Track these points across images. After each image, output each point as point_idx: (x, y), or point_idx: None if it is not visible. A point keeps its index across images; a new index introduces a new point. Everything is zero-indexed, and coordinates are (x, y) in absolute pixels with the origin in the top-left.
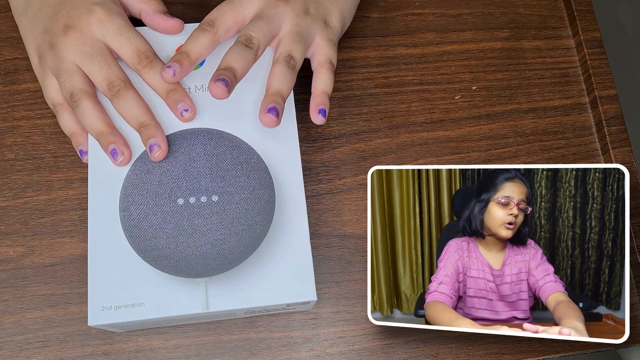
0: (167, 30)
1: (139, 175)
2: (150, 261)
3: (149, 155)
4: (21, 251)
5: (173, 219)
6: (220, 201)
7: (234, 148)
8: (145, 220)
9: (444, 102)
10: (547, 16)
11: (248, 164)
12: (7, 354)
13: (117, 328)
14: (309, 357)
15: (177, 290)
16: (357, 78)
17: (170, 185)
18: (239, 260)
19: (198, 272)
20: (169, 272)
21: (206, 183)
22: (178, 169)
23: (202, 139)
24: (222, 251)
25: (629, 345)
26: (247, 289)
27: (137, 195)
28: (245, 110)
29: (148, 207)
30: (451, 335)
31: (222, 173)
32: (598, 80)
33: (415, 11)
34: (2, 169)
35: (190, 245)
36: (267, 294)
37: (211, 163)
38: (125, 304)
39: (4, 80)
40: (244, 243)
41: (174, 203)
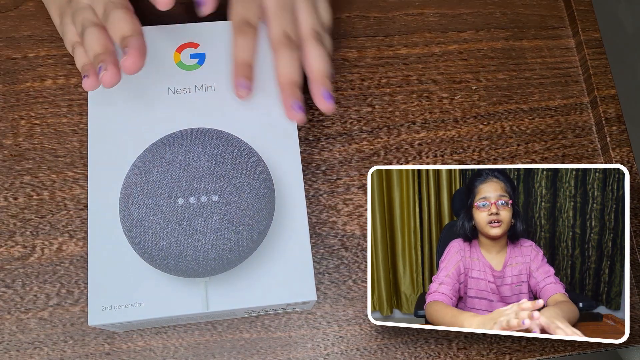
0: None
1: (138, 175)
2: (150, 261)
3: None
4: (21, 251)
5: (173, 219)
6: (220, 201)
7: (233, 148)
8: (145, 220)
9: (444, 102)
10: (547, 16)
11: (248, 164)
12: (7, 354)
13: (118, 328)
14: (309, 357)
15: (177, 290)
16: (357, 78)
17: (170, 185)
18: (238, 260)
19: (198, 272)
20: (169, 272)
21: (206, 183)
22: (178, 168)
23: (202, 139)
24: (222, 251)
25: (629, 345)
26: (247, 289)
27: (137, 195)
28: (246, 111)
29: (148, 207)
30: (451, 335)
31: (222, 173)
32: (598, 80)
33: (415, 11)
34: (2, 169)
35: (190, 245)
36: (267, 294)
37: (211, 163)
38: (125, 303)
39: (4, 80)
40: (243, 243)
41: (174, 203)
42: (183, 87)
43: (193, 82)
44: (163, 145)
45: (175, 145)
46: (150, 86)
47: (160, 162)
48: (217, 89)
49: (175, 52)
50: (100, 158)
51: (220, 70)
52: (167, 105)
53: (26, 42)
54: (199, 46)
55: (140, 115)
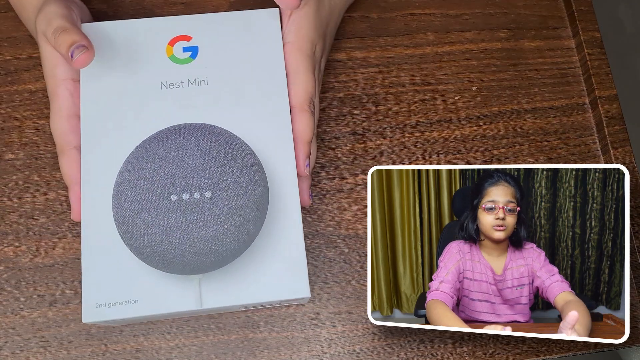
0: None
1: (131, 171)
2: (143, 258)
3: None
4: (21, 251)
5: (166, 216)
6: (214, 197)
7: (227, 143)
8: (138, 217)
9: (444, 103)
10: (547, 16)
11: (241, 160)
12: (7, 354)
13: (114, 323)
14: (309, 357)
15: (171, 287)
16: (357, 78)
17: (164, 182)
18: (232, 257)
19: (191, 269)
20: (162, 269)
21: (199, 179)
22: (171, 164)
23: (195, 134)
24: (215, 248)
25: (629, 345)
26: (241, 285)
27: (129, 192)
28: (239, 105)
29: (141, 203)
30: (451, 335)
31: (215, 169)
32: (598, 80)
33: (415, 11)
34: (2, 169)
35: (183, 242)
36: (260, 290)
37: (204, 159)
38: (119, 301)
39: (4, 80)
40: (237, 239)
41: (167, 199)
42: (176, 82)
43: (186, 76)
44: (156, 141)
45: (169, 141)
46: (142, 81)
47: (153, 158)
48: (210, 83)
49: (167, 45)
50: (93, 154)
51: (214, 64)
52: (159, 99)
53: (26, 42)
54: (191, 39)
55: (132, 110)
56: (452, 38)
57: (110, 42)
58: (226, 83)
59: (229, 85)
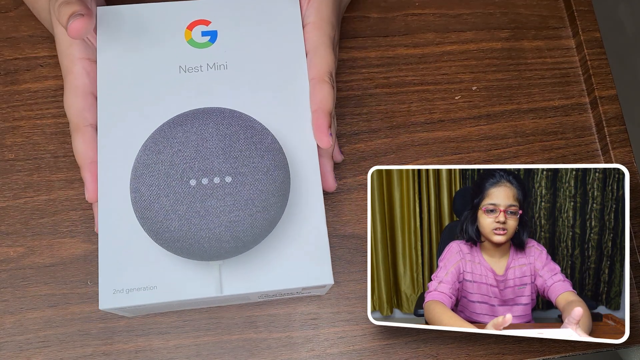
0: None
1: (149, 155)
2: (162, 243)
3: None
4: (21, 251)
5: (185, 201)
6: (234, 182)
7: (247, 128)
8: (156, 202)
9: (444, 103)
10: (547, 16)
11: (262, 144)
12: (7, 354)
13: (128, 312)
14: (309, 357)
15: (190, 274)
16: (357, 78)
17: (182, 166)
18: (253, 243)
19: (211, 255)
20: (181, 254)
21: (219, 164)
22: (190, 149)
23: (215, 119)
24: (236, 233)
25: (629, 345)
26: (262, 272)
27: (148, 176)
28: (259, 90)
29: (159, 188)
30: (451, 335)
31: (236, 153)
32: (598, 80)
33: (415, 11)
34: (2, 169)
35: (203, 227)
36: (282, 277)
37: (224, 143)
38: (137, 287)
39: (4, 80)
40: (258, 225)
41: (186, 184)
42: (195, 66)
43: (205, 60)
44: (174, 125)
45: (187, 125)
46: (160, 64)
47: (171, 142)
48: (229, 67)
49: (186, 29)
50: (111, 138)
51: (233, 49)
52: (178, 84)
53: (26, 43)
54: (210, 23)
55: (150, 94)
56: (452, 38)
57: (128, 25)
58: (246, 68)
59: (249, 70)
